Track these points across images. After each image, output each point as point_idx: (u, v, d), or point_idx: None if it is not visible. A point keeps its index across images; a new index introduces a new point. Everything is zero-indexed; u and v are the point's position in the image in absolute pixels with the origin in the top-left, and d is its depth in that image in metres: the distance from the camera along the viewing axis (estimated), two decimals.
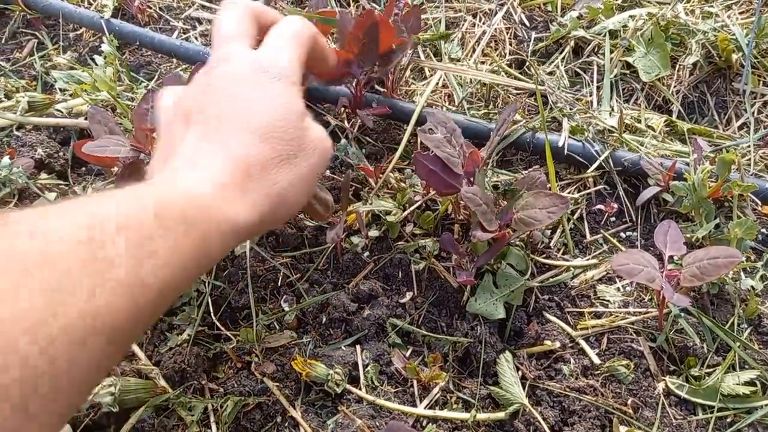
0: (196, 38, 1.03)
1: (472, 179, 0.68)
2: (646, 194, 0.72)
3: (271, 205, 0.48)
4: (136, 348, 0.67)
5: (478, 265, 0.67)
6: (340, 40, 0.73)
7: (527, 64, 0.93)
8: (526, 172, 0.78)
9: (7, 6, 1.12)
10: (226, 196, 0.45)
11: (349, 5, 1.08)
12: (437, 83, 0.88)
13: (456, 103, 0.88)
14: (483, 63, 0.95)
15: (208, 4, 1.08)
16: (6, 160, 0.77)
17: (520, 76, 0.91)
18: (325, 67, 0.65)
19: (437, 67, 0.87)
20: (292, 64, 0.53)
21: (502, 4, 1.00)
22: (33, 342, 0.30)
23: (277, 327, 0.70)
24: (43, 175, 0.81)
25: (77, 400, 0.35)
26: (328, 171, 0.83)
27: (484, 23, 0.99)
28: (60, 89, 0.96)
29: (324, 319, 0.70)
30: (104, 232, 0.36)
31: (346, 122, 0.89)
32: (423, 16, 0.99)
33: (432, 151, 0.66)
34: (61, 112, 0.88)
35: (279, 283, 0.72)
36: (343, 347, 0.68)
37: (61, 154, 0.84)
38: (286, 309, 0.71)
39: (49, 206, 0.38)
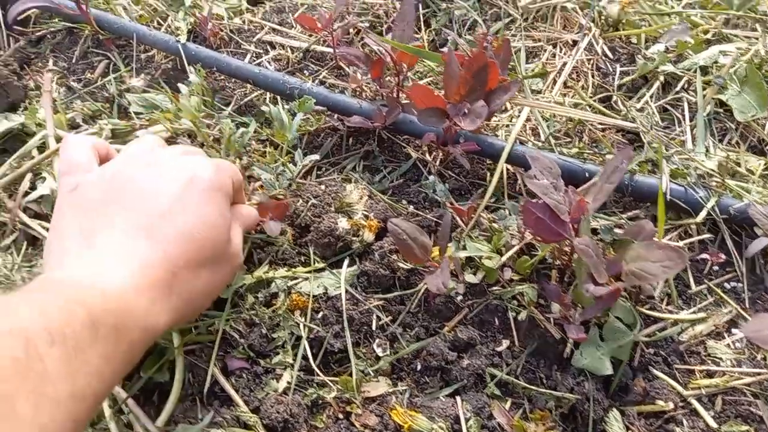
0: (268, 62, 1.02)
1: (576, 226, 0.66)
2: (756, 246, 0.69)
3: (186, 308, 0.51)
4: (232, 393, 0.65)
5: (585, 318, 0.65)
6: (446, 81, 0.71)
7: (614, 99, 0.90)
8: (626, 217, 0.76)
9: (76, 26, 1.11)
10: (155, 301, 0.46)
11: (420, 30, 1.06)
12: (519, 116, 0.86)
13: (542, 139, 0.86)
14: (564, 95, 0.93)
15: (279, 28, 1.07)
16: None
17: (607, 111, 0.88)
18: None
19: (524, 103, 0.85)
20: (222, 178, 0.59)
21: (584, 35, 0.98)
22: None
23: (371, 373, 0.68)
24: None
25: None
26: (411, 207, 0.82)
27: (565, 54, 0.97)
28: (134, 113, 0.95)
29: (419, 366, 0.68)
30: (38, 345, 0.35)
31: (427, 155, 0.88)
32: None
33: (539, 198, 0.65)
34: None
35: (373, 327, 0.70)
36: (441, 397, 0.66)
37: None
38: (380, 354, 0.69)
39: None
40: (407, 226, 0.66)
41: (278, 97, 0.96)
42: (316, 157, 0.84)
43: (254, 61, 1.03)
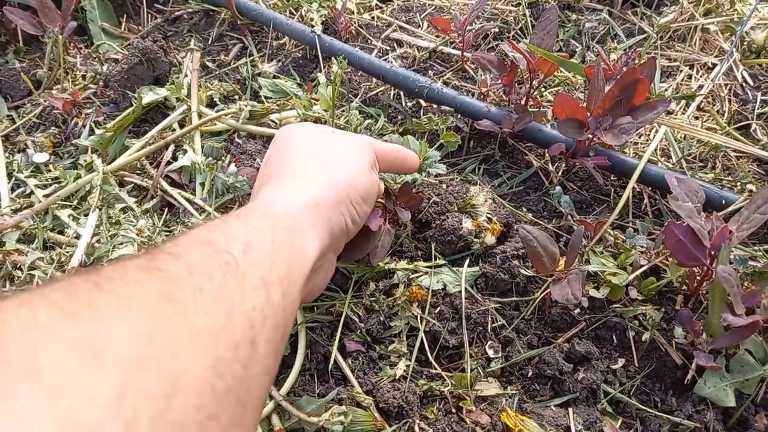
0: (394, 60, 1.04)
1: (714, 253, 0.64)
2: None
3: (331, 242, 0.56)
4: (349, 373, 0.67)
5: (715, 347, 0.63)
6: (590, 94, 0.71)
7: (753, 127, 0.87)
8: (763, 249, 0.73)
9: (212, 8, 1.17)
10: (314, 224, 0.54)
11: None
12: (654, 135, 0.84)
13: (673, 160, 0.84)
14: (698, 119, 0.90)
15: (406, 26, 1.09)
16: (233, 167, 0.81)
17: (744, 139, 0.85)
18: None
19: (660, 122, 0.83)
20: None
21: (723, 59, 0.94)
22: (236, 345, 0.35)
23: (481, 372, 0.69)
24: None
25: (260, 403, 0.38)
26: (531, 215, 0.81)
27: (701, 76, 0.94)
28: (265, 97, 1.00)
29: (530, 373, 0.68)
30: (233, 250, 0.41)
31: (550, 165, 0.87)
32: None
33: (682, 221, 0.63)
34: (275, 122, 0.91)
35: (488, 328, 0.71)
36: (552, 407, 0.66)
37: None
38: (492, 356, 0.69)
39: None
40: (538, 234, 0.66)
41: (401, 93, 0.98)
42: (442, 170, 0.85)
43: (381, 56, 1.05)
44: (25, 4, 1.11)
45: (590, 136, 0.74)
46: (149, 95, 0.93)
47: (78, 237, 0.79)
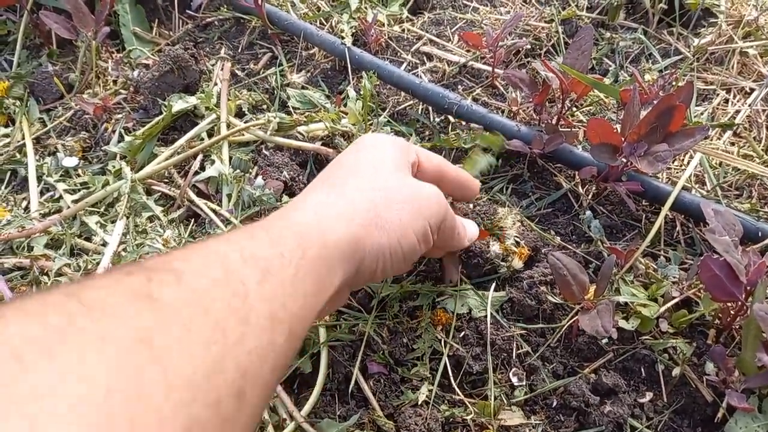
0: (423, 74, 1.04)
1: (750, 289, 0.62)
2: None
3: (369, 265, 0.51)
4: (370, 396, 0.67)
5: (748, 386, 0.61)
6: (625, 118, 0.70)
7: None
8: None
9: (243, 16, 1.18)
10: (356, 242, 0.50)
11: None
12: (690, 162, 0.82)
13: (708, 188, 0.82)
14: (733, 144, 0.88)
15: (437, 40, 1.08)
16: (260, 180, 0.81)
17: None
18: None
19: (697, 148, 0.81)
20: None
21: (761, 84, 0.92)
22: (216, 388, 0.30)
23: (505, 401, 0.68)
24: (285, 198, 0.83)
25: None
26: (558, 238, 0.80)
27: (738, 101, 0.92)
28: (293, 107, 0.99)
29: (555, 403, 0.67)
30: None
31: (580, 187, 0.86)
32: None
33: (719, 256, 0.61)
34: (302, 134, 0.90)
35: (513, 355, 0.69)
36: None
37: (300, 177, 0.87)
38: (516, 383, 0.68)
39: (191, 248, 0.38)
40: (568, 262, 0.65)
41: (430, 108, 0.97)
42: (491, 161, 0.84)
43: (410, 70, 1.04)
44: (59, 8, 1.12)
45: (624, 161, 0.73)
46: (179, 103, 0.93)
47: (105, 244, 0.80)
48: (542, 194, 0.87)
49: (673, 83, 0.81)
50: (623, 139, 0.71)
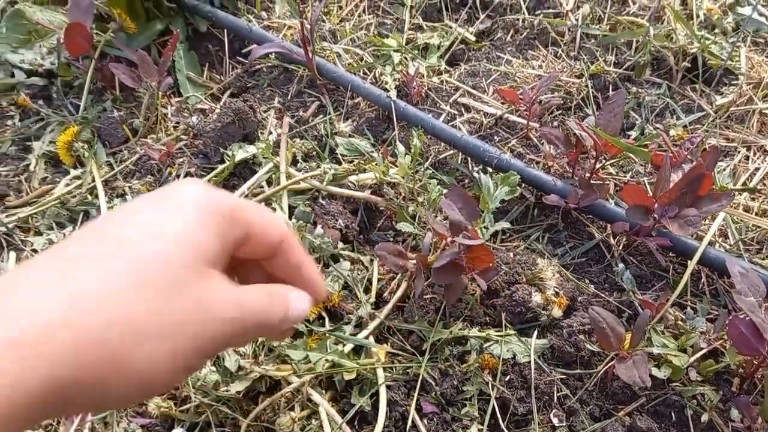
0: (462, 124, 1.11)
1: None
2: None
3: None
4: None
5: None
6: (657, 183, 0.77)
7: None
8: None
9: (291, 66, 1.26)
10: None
11: None
12: (714, 220, 0.89)
13: (731, 242, 0.89)
14: (754, 200, 0.95)
15: (473, 91, 1.16)
16: (319, 230, 0.88)
17: None
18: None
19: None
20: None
21: None
22: None
23: None
24: (340, 244, 0.91)
25: None
26: (593, 287, 0.87)
27: (758, 158, 0.99)
28: (341, 155, 1.07)
29: None
30: None
31: (611, 238, 0.93)
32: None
33: (745, 315, 0.68)
34: (353, 183, 0.98)
35: (554, 398, 0.76)
36: None
37: (353, 225, 0.94)
38: (556, 424, 0.75)
39: None
40: (607, 316, 0.72)
41: (468, 158, 1.05)
42: (506, 224, 0.91)
43: (449, 120, 1.12)
44: (122, 56, 1.21)
45: (655, 220, 0.80)
46: (240, 153, 1.01)
47: None
48: (576, 243, 0.94)
49: (700, 146, 0.88)
50: (655, 200, 0.79)
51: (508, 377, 0.78)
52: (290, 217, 0.94)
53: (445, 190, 0.93)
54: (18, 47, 1.15)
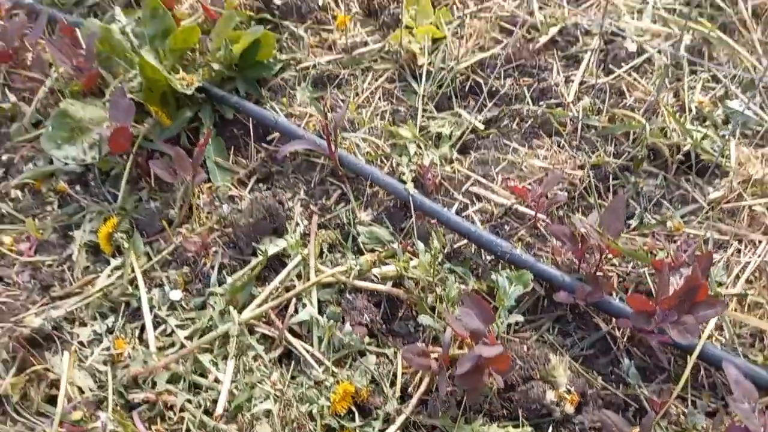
0: (474, 214, 1.20)
1: None
2: None
3: None
4: None
5: None
6: (659, 287, 0.86)
7: None
8: None
9: (313, 155, 1.35)
10: None
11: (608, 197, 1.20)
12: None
13: (726, 337, 0.97)
14: (746, 291, 1.03)
15: (483, 180, 1.25)
16: (348, 327, 0.97)
17: None
18: None
19: None
20: None
21: None
22: None
23: None
24: (366, 339, 0.99)
25: None
26: (600, 378, 0.95)
27: (749, 251, 1.07)
28: (362, 243, 1.16)
29: None
30: None
31: (616, 331, 1.01)
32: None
33: (741, 423, 0.76)
34: (376, 277, 1.07)
35: None
36: None
37: (377, 318, 1.02)
38: None
39: None
40: (616, 419, 0.80)
41: (482, 250, 1.13)
42: (520, 318, 0.99)
43: (462, 209, 1.21)
44: (158, 149, 1.31)
45: (656, 323, 0.88)
46: (272, 247, 1.10)
47: (218, 381, 0.95)
48: (584, 334, 1.02)
49: (695, 251, 0.97)
50: (656, 305, 0.87)
51: None
52: (320, 311, 1.02)
53: (462, 287, 1.02)
54: (62, 144, 1.24)
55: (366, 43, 1.56)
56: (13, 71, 1.55)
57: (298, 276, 1.09)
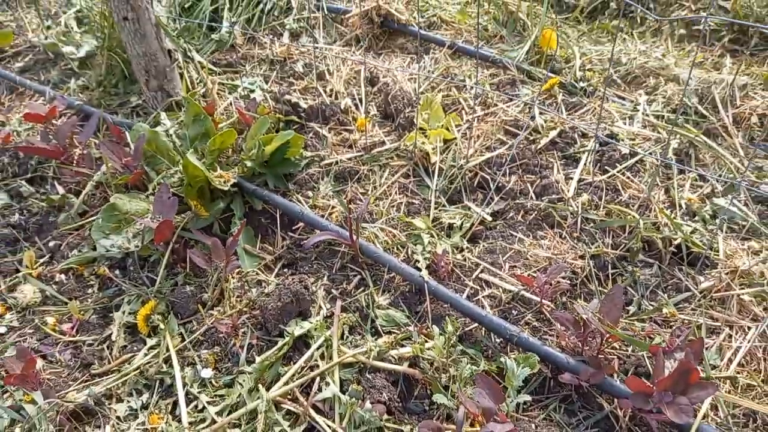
0: (483, 299, 1.30)
1: None
2: None
3: None
4: None
5: None
6: (655, 373, 0.94)
7: None
8: None
9: (335, 244, 1.47)
10: None
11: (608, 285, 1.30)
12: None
13: (721, 416, 1.04)
14: (739, 374, 1.10)
15: (491, 268, 1.36)
16: (368, 405, 1.04)
17: None
18: None
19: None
20: None
21: (758, 325, 1.16)
22: None
23: None
24: (385, 416, 1.06)
25: None
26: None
27: (740, 336, 1.16)
28: (380, 325, 1.25)
29: None
30: None
31: (618, 410, 1.08)
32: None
33: None
34: (393, 357, 1.15)
35: None
36: None
37: (395, 396, 1.10)
38: None
39: None
40: None
41: (491, 333, 1.22)
42: (527, 398, 1.07)
43: (473, 294, 1.31)
44: (194, 237, 1.43)
45: (654, 403, 0.95)
46: (297, 329, 1.19)
47: None
48: (588, 413, 1.09)
49: (688, 335, 1.05)
50: (653, 387, 0.95)
51: None
52: (342, 389, 1.10)
53: (474, 368, 1.10)
54: (109, 234, 1.37)
55: (383, 143, 1.73)
56: (63, 166, 1.72)
57: (322, 356, 1.18)
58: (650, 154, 1.54)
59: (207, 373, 1.19)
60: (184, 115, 1.62)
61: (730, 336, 1.17)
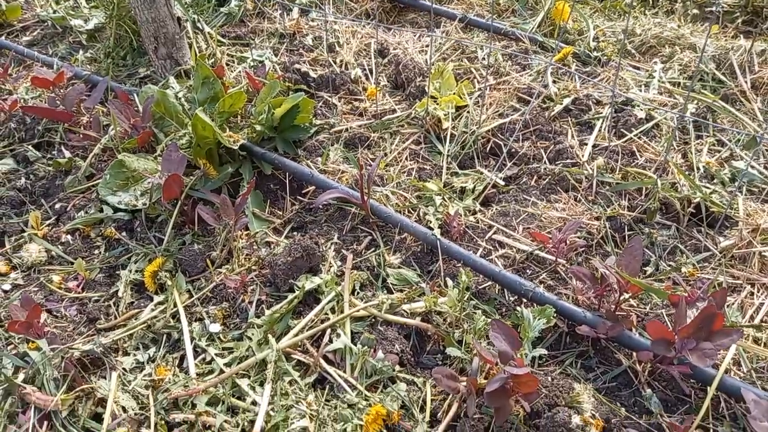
0: (497, 259, 1.27)
1: None
2: None
3: None
4: None
5: None
6: (676, 319, 0.91)
7: None
8: None
9: (345, 205, 1.45)
10: None
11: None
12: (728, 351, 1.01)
13: (744, 371, 1.01)
14: (761, 330, 1.07)
15: (505, 229, 1.33)
16: (380, 354, 1.02)
17: None
18: None
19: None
20: None
21: None
22: None
23: None
24: (397, 367, 1.04)
25: None
26: (624, 409, 0.98)
27: (762, 294, 1.13)
28: (392, 284, 1.23)
29: None
30: None
31: (637, 365, 1.05)
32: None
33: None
34: (406, 311, 1.13)
35: None
36: None
37: (407, 349, 1.07)
38: None
39: None
40: None
41: (506, 290, 1.20)
42: (543, 351, 1.04)
43: (486, 254, 1.28)
44: (203, 197, 1.41)
45: (676, 351, 0.93)
46: (308, 284, 1.17)
47: (255, 403, 0.99)
48: (606, 369, 1.06)
49: (710, 287, 1.03)
50: (675, 335, 0.92)
51: None
52: (353, 342, 1.08)
53: (488, 319, 1.07)
54: (117, 191, 1.35)
55: (394, 110, 1.70)
56: (71, 130, 1.70)
57: (332, 310, 1.15)
58: (667, 116, 1.51)
59: (215, 327, 1.17)
60: (193, 79, 1.60)
61: (752, 293, 1.14)
